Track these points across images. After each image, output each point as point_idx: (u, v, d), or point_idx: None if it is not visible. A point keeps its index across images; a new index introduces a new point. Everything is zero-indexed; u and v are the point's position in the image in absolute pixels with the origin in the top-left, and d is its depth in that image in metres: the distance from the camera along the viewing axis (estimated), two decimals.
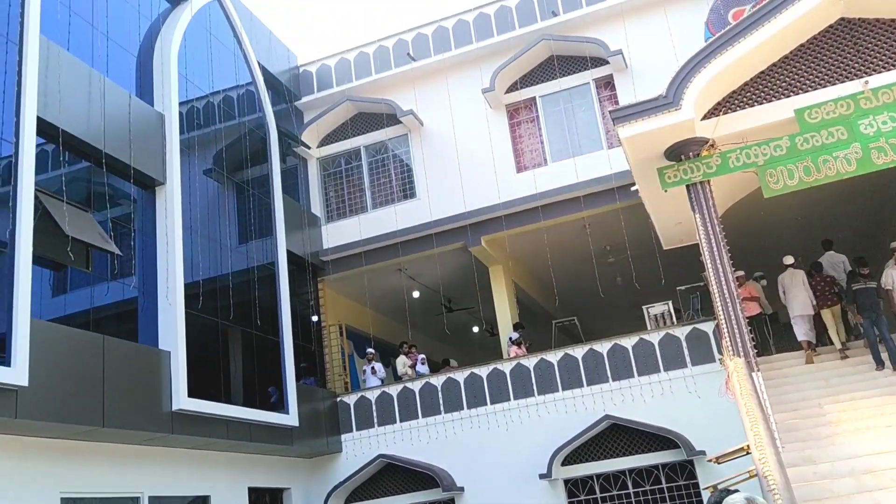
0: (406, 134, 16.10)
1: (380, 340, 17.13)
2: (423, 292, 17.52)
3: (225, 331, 11.94)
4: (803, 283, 11.95)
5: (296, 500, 13.87)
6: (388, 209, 15.68)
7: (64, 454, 9.28)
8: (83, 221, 9.53)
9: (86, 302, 9.92)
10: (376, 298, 16.88)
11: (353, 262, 15.60)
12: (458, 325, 18.88)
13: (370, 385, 14.91)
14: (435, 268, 15.86)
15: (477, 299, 16.45)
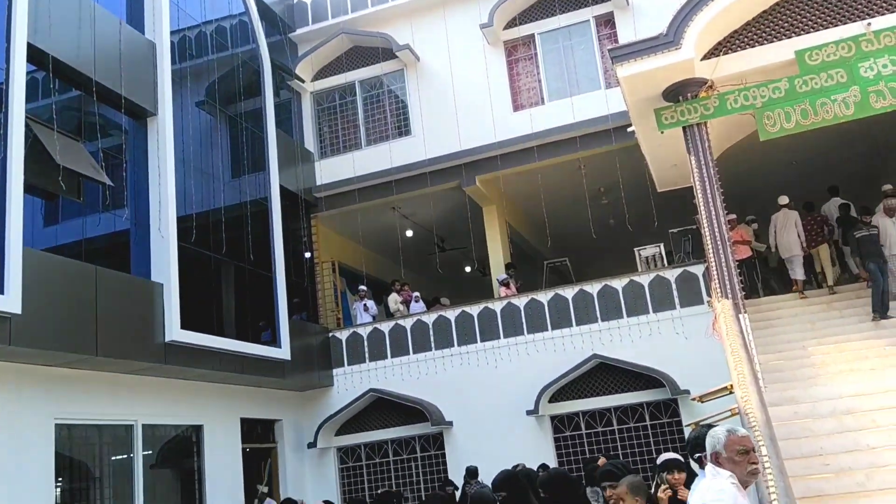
0: (402, 69, 15.86)
1: (372, 278, 17.23)
2: (416, 231, 17.54)
3: (218, 265, 11.97)
4: (795, 223, 12.08)
5: (287, 431, 14.14)
6: (383, 146, 15.56)
7: (58, 381, 9.40)
8: (74, 151, 9.44)
9: (78, 233, 9.90)
10: (369, 236, 16.90)
11: (347, 200, 15.56)
12: (450, 264, 18.95)
13: (362, 322, 15.05)
14: (429, 207, 15.85)
15: (470, 239, 16.48)
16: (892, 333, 9.44)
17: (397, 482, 13.97)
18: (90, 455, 10.13)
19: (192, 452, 11.88)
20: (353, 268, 17.05)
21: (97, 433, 10.19)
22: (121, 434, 10.49)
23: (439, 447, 13.88)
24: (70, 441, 9.68)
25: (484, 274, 18.32)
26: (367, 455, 14.35)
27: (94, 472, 10.12)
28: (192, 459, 11.86)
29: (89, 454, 10.11)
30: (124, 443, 10.52)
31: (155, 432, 11.13)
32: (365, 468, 14.33)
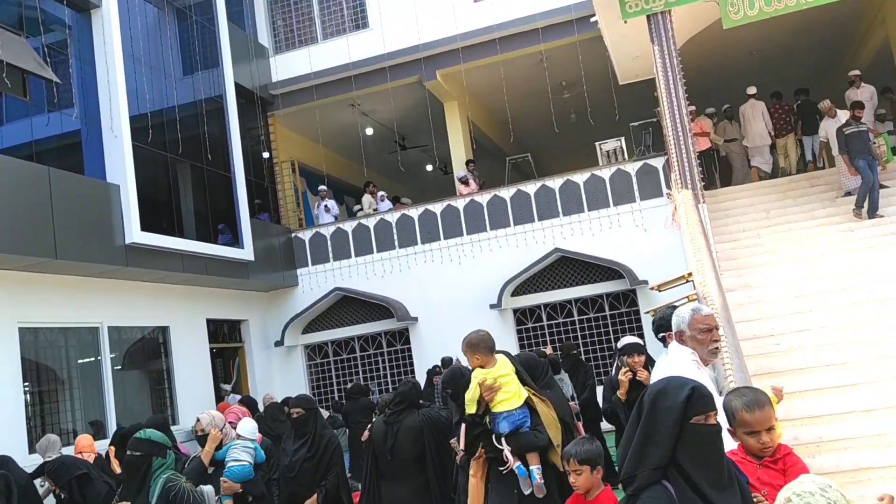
0: None
1: (333, 178, 17.05)
2: (376, 129, 17.28)
3: (175, 165, 11.71)
4: (763, 113, 12.23)
5: (253, 331, 14.28)
6: (340, 40, 15.08)
7: (20, 285, 9.29)
8: (16, 46, 8.96)
9: (26, 134, 9.55)
10: (328, 135, 16.61)
11: (304, 97, 15.17)
12: (411, 163, 18.83)
13: (323, 222, 15.00)
14: (389, 103, 15.56)
15: (431, 137, 16.32)
16: (842, 220, 9.73)
17: (364, 376, 14.32)
18: (56, 358, 10.14)
19: (160, 354, 11.97)
20: (314, 168, 16.83)
21: (63, 336, 10.17)
22: (86, 337, 10.49)
23: (405, 342, 14.19)
24: (35, 345, 9.66)
25: (446, 172, 18.26)
26: (334, 352, 14.62)
27: (61, 376, 10.17)
28: (159, 360, 11.96)
29: (55, 358, 10.12)
30: (90, 346, 10.54)
31: (121, 334, 11.15)
32: (332, 364, 14.62)
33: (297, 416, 5.75)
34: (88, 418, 10.36)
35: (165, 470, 4.09)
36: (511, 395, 4.14)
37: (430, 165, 20.28)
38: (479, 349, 4.22)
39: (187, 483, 4.11)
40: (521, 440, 4.12)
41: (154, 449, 4.09)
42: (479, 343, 4.23)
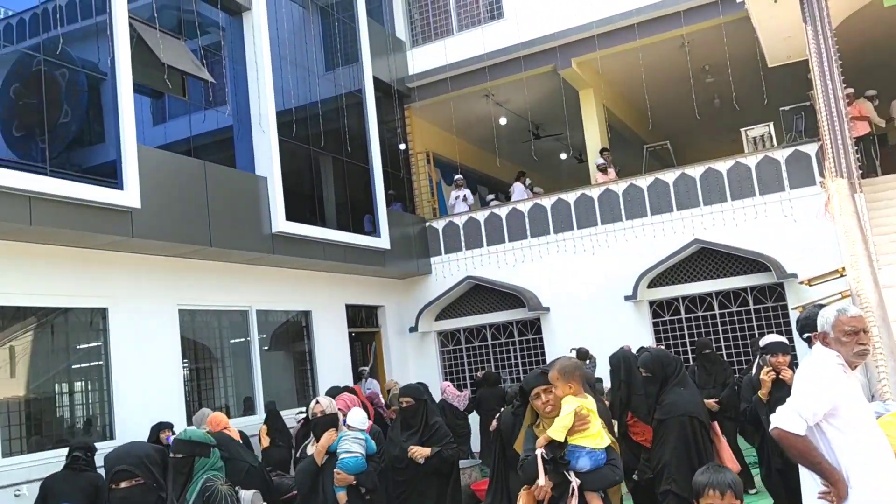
0: None
1: (466, 168, 17.24)
2: (510, 119, 17.28)
3: (317, 158, 12.25)
4: None
5: (389, 316, 14.73)
6: (475, 31, 15.19)
7: (179, 271, 10.05)
8: (177, 49, 9.68)
9: (185, 130, 10.29)
10: (462, 126, 16.78)
11: (439, 88, 15.41)
12: (545, 152, 18.68)
13: (458, 211, 15.20)
14: (523, 93, 15.51)
15: (565, 125, 16.13)
16: None
17: (496, 364, 14.43)
18: (211, 338, 10.91)
19: (303, 336, 12.60)
20: (448, 158, 17.08)
21: (217, 318, 10.92)
22: (237, 319, 11.21)
23: (536, 332, 14.17)
24: (193, 326, 10.43)
25: (580, 160, 18.02)
26: (466, 339, 14.83)
27: (215, 354, 10.93)
28: (302, 343, 12.60)
29: (210, 338, 10.89)
30: (241, 327, 11.25)
31: (268, 317, 11.83)
32: (464, 351, 14.84)
33: (406, 405, 5.72)
34: (239, 395, 11.10)
35: (208, 470, 4.02)
36: (597, 434, 3.78)
37: (564, 154, 20.05)
38: (574, 377, 3.89)
39: (225, 485, 4.00)
40: (598, 476, 3.75)
41: (197, 449, 4.05)
42: (574, 371, 3.91)
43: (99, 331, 9.04)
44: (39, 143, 7.74)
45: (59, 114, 8.04)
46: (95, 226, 8.21)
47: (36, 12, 7.93)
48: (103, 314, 9.03)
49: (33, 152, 7.72)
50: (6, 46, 7.68)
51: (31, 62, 7.78)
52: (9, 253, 7.94)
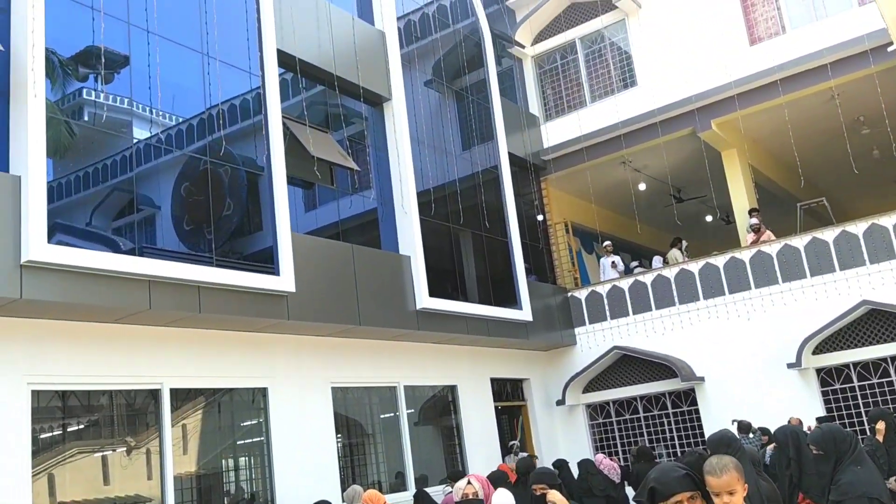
0: (623, 20, 15.39)
1: (606, 235, 17.02)
2: (649, 184, 17.00)
3: (457, 234, 12.57)
4: None
5: (535, 389, 14.56)
6: (608, 101, 15.24)
7: (331, 350, 10.50)
8: (324, 142, 10.38)
9: (333, 215, 10.91)
10: (600, 193, 16.68)
11: (575, 159, 15.48)
12: (689, 215, 18.15)
13: (606, 278, 15.00)
14: (661, 157, 15.28)
15: (709, 187, 15.67)
16: None
17: (649, 438, 13.84)
18: (362, 414, 11.22)
19: (450, 410, 12.69)
20: (586, 226, 16.98)
21: (367, 395, 11.25)
22: (386, 395, 11.48)
23: (691, 403, 13.51)
24: (345, 402, 10.79)
25: (728, 222, 17.33)
26: (616, 411, 14.36)
27: (367, 430, 11.21)
28: (450, 417, 12.68)
29: (362, 413, 11.21)
30: (390, 403, 11.51)
31: (415, 392, 12.03)
32: (615, 424, 14.35)
33: (541, 492, 5.31)
34: (390, 470, 11.27)
35: None
36: None
37: (710, 216, 19.36)
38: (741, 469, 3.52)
39: None
40: None
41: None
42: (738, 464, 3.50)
43: (260, 409, 9.54)
44: (206, 235, 8.46)
45: (223, 207, 8.77)
46: (255, 310, 8.78)
47: (202, 118, 8.79)
48: (264, 393, 9.54)
49: (201, 244, 8.45)
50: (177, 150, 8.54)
51: (198, 162, 8.60)
52: (181, 339, 8.62)
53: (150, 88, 8.25)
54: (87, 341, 7.77)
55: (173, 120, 8.59)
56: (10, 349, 7.14)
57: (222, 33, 9.17)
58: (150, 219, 8.27)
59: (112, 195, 7.88)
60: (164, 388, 8.38)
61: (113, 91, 7.97)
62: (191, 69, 8.80)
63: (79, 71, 7.79)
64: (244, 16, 9.55)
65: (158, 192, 8.39)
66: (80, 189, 7.60)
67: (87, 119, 7.86)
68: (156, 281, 7.72)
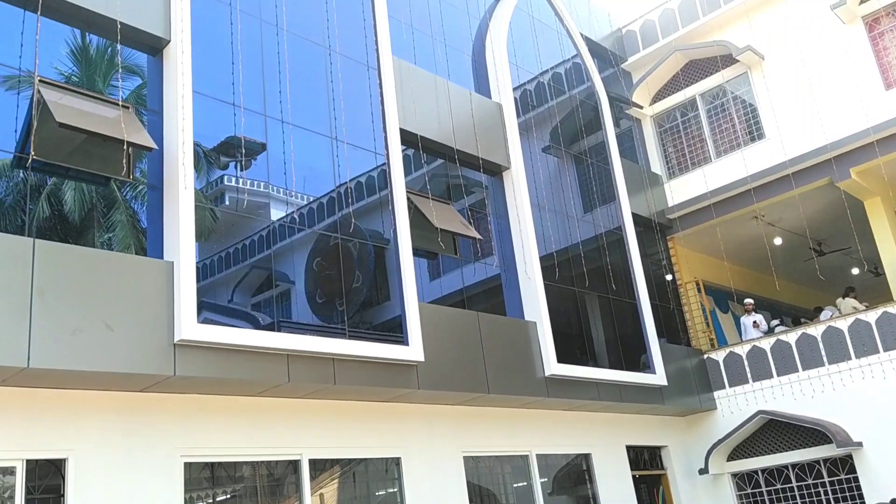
0: (745, 72, 15.10)
1: (741, 293, 16.33)
2: (785, 237, 16.23)
3: (582, 298, 12.44)
4: None
5: (675, 457, 13.91)
6: (735, 155, 14.84)
7: (462, 418, 10.54)
8: (447, 213, 10.69)
9: (457, 283, 11.11)
10: (733, 250, 16.07)
11: (703, 216, 15.07)
12: (832, 268, 17.12)
13: (748, 338, 14.33)
14: (796, 209, 14.60)
15: (853, 238, 14.77)
16: None
17: None
18: (495, 484, 11.10)
19: (585, 480, 12.32)
20: (719, 284, 16.33)
21: (499, 464, 11.14)
22: (518, 464, 11.33)
23: (850, 471, 12.46)
24: (477, 471, 10.73)
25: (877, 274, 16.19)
26: (766, 481, 13.44)
27: (500, 500, 11.07)
28: (585, 486, 12.30)
29: (494, 483, 11.09)
30: (523, 472, 11.33)
31: (548, 461, 11.80)
32: (766, 495, 13.41)
33: None
34: None
35: None
36: None
37: (857, 269, 18.19)
38: None
39: None
40: None
41: None
42: None
43: (394, 479, 9.66)
44: (338, 307, 8.86)
45: (352, 280, 9.18)
46: (387, 380, 9.01)
47: (331, 196, 9.31)
48: (397, 462, 9.67)
49: (333, 316, 8.85)
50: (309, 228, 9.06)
51: (328, 238, 9.09)
52: (317, 410, 8.94)
53: (286, 173, 8.86)
54: (232, 414, 8.21)
55: (305, 199, 9.15)
56: (164, 423, 7.65)
57: (349, 117, 9.76)
58: (286, 294, 8.77)
59: (251, 273, 8.45)
60: (304, 458, 8.68)
61: (251, 176, 8.63)
62: (321, 152, 9.40)
63: (220, 160, 8.51)
64: (368, 100, 10.13)
65: (293, 268, 8.90)
66: (223, 269, 8.20)
67: (228, 203, 8.52)
68: (293, 355, 8.11)
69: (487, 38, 12.99)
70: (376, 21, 10.57)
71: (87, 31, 8.03)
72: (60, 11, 7.62)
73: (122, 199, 8.06)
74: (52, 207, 7.53)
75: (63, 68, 7.87)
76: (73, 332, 6.60)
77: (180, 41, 8.11)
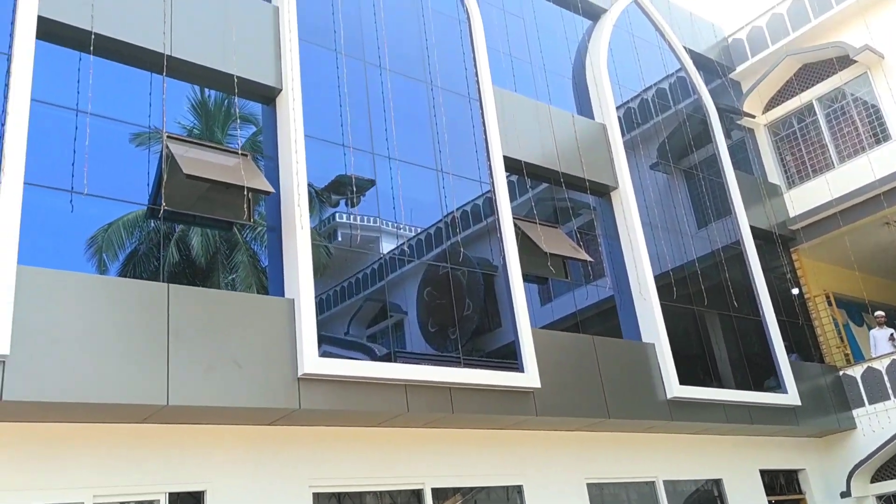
0: (864, 73, 14.39)
1: (876, 305, 15.29)
2: None
3: (702, 316, 12.03)
4: None
5: (813, 481, 13.09)
6: (860, 160, 14.07)
7: (582, 444, 10.35)
8: (555, 237, 10.64)
9: (569, 307, 11.00)
10: (864, 259, 15.12)
11: (828, 225, 14.30)
12: None
13: (881, 353, 13.41)
14: None
15: None
16: None
17: None
18: None
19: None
20: (852, 297, 15.39)
21: (624, 490, 10.84)
22: (645, 490, 10.98)
23: None
24: (601, 498, 10.47)
25: None
26: None
27: None
28: None
29: None
30: (650, 498, 10.96)
31: (676, 487, 11.38)
32: None
33: None
34: None
35: None
36: None
37: None
38: None
39: None
40: None
41: None
42: None
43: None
44: (450, 336, 8.96)
45: (463, 308, 9.26)
46: (504, 408, 9.00)
47: (439, 226, 9.48)
48: (519, 490, 9.59)
49: (446, 344, 8.96)
50: (418, 258, 9.24)
51: (437, 268, 9.24)
52: (437, 439, 9.03)
53: (394, 207, 9.11)
54: (356, 445, 8.40)
55: (414, 231, 9.35)
56: (293, 455, 7.93)
57: (453, 148, 9.95)
58: (399, 324, 8.96)
59: (365, 305, 8.70)
60: (426, 487, 8.75)
61: (362, 212, 8.93)
62: (427, 183, 9.61)
63: (332, 198, 8.86)
64: (471, 130, 10.30)
65: (404, 299, 9.10)
66: (338, 302, 8.48)
67: (341, 239, 8.83)
68: (411, 384, 8.25)
69: (587, 60, 12.94)
70: (475, 53, 10.77)
71: (206, 87, 8.59)
72: (183, 71, 8.21)
73: (242, 241, 8.52)
74: (180, 253, 8.04)
75: (185, 122, 8.45)
76: (206, 370, 6.98)
77: (291, 89, 8.55)
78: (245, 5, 8.84)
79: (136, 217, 7.75)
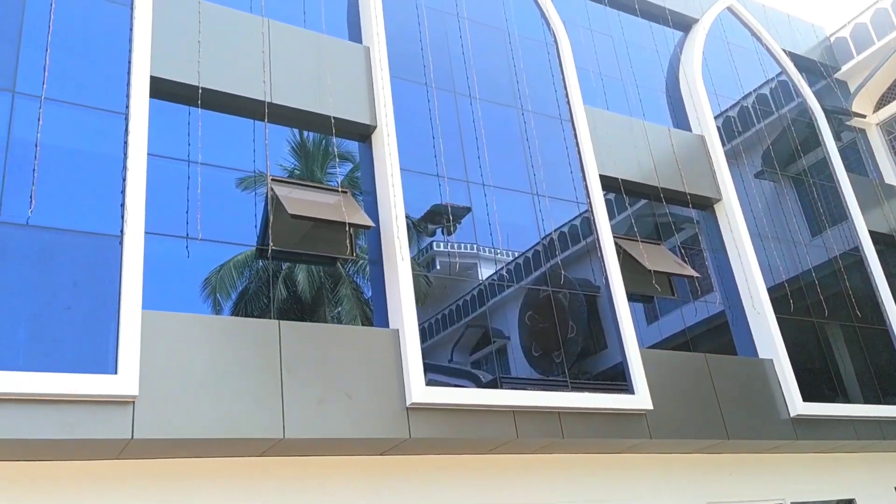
0: None
1: None
2: None
3: (822, 328, 11.41)
4: None
5: None
6: None
7: (701, 466, 9.96)
8: (658, 253, 10.39)
9: (678, 325, 10.66)
10: None
11: None
12: None
13: None
14: None
15: None
16: None
17: None
18: None
19: None
20: None
21: None
22: None
23: None
24: None
25: None
26: None
27: None
28: None
29: None
30: None
31: None
32: None
33: None
34: None
35: None
36: None
37: None
38: None
39: None
40: None
41: None
42: None
43: None
44: (555, 360, 8.85)
45: (567, 331, 9.14)
46: (615, 431, 8.78)
47: (537, 249, 9.44)
48: None
49: (551, 368, 8.85)
50: (518, 282, 9.21)
51: (537, 291, 9.17)
52: (548, 465, 8.89)
53: (491, 233, 9.15)
54: (466, 473, 8.37)
55: (512, 255, 9.34)
56: (405, 484, 7.95)
57: (547, 171, 9.92)
58: (503, 349, 8.93)
59: (467, 331, 8.73)
60: None
61: (459, 239, 9.00)
62: (523, 207, 9.60)
63: (429, 228, 8.98)
64: (564, 151, 10.25)
65: (506, 324, 9.07)
66: (440, 330, 8.54)
67: (440, 268, 8.93)
68: (519, 410, 8.19)
69: (680, 72, 12.69)
70: (565, 74, 10.76)
71: (304, 129, 8.95)
72: (282, 116, 8.59)
73: (346, 275, 8.75)
74: (288, 289, 8.34)
75: (286, 164, 8.80)
76: (318, 403, 7.18)
77: (385, 125, 8.79)
78: (337, 48, 9.18)
79: (246, 258, 8.11)
